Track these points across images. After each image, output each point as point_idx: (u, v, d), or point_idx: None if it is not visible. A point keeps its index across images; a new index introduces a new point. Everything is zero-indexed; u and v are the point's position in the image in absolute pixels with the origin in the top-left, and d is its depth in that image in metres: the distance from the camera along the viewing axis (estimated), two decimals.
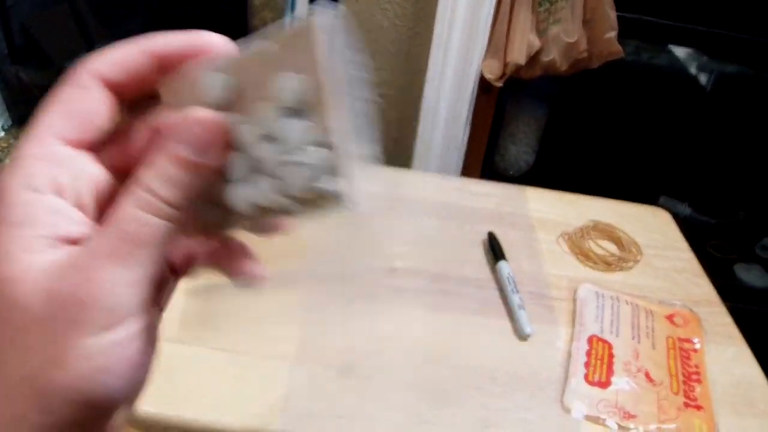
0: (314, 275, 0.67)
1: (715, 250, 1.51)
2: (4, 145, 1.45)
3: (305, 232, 0.73)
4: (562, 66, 1.14)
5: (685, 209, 1.60)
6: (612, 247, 0.79)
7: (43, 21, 1.57)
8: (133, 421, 0.50)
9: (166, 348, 0.54)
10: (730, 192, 1.62)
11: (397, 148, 1.22)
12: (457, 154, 1.13)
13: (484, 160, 1.25)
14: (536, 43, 1.09)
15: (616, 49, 1.14)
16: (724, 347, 0.67)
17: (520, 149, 1.41)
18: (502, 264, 0.70)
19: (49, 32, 1.57)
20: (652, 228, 0.85)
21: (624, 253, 0.78)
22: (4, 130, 1.53)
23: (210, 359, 0.54)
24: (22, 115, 1.56)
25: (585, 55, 1.14)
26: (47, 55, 1.58)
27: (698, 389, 0.60)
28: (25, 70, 1.51)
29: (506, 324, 0.64)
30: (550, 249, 0.77)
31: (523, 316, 0.63)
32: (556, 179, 0.92)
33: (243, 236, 0.29)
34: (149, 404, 0.50)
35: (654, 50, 1.48)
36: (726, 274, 1.45)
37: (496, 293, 0.68)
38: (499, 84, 1.11)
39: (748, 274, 1.44)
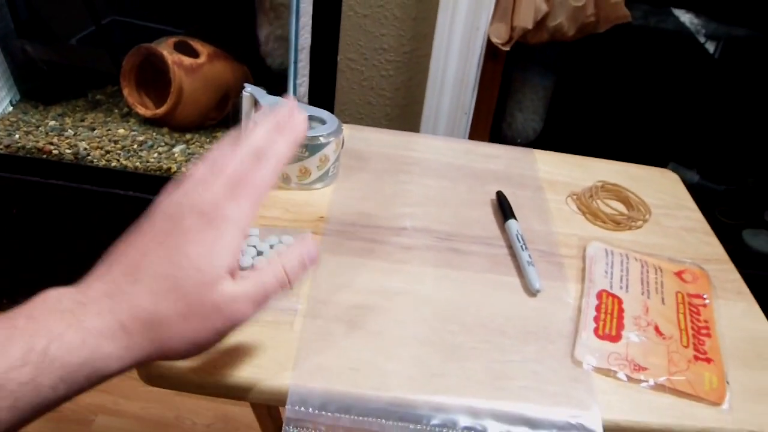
0: (325, 234, 0.67)
1: (723, 216, 1.50)
2: (13, 119, 1.45)
3: (318, 197, 0.74)
4: (570, 30, 1.13)
5: (693, 176, 1.59)
6: (621, 207, 0.79)
7: None
8: (144, 375, 0.50)
9: None
10: (738, 158, 1.61)
11: (405, 114, 1.22)
12: (465, 120, 1.13)
13: (491, 129, 1.25)
14: (543, 7, 1.08)
15: (624, 13, 1.13)
16: (733, 303, 0.67)
17: (527, 117, 1.40)
18: (511, 222, 0.71)
19: (54, 6, 1.57)
20: (660, 189, 0.85)
21: (633, 213, 0.78)
22: (12, 104, 1.53)
23: None
24: (29, 89, 1.56)
25: (592, 19, 1.13)
26: (52, 30, 1.58)
27: (708, 343, 0.60)
28: (30, 43, 1.50)
29: (515, 280, 0.65)
30: (559, 209, 0.78)
31: (532, 272, 0.64)
32: (564, 147, 0.91)
33: None
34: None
35: (662, 14, 1.47)
36: (734, 240, 1.45)
37: (505, 251, 0.69)
38: (506, 48, 1.10)
39: (756, 240, 1.44)
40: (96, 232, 1.41)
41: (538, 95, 1.39)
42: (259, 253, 0.62)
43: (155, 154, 1.39)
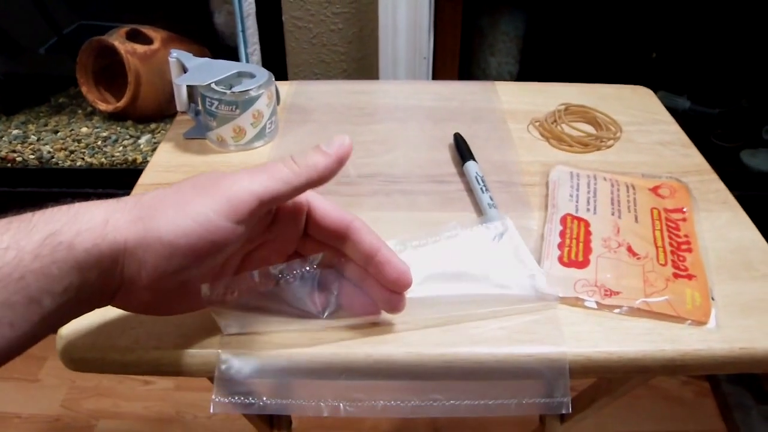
0: None
1: (719, 139, 1.43)
2: None
3: (257, 156, 0.68)
4: None
5: (684, 102, 1.52)
6: (589, 128, 0.73)
7: (7, 8, 1.54)
8: (67, 360, 0.46)
9: None
10: (729, 80, 1.53)
11: (362, 67, 1.16)
12: (425, 65, 1.07)
13: (461, 75, 1.18)
14: None
15: None
16: (717, 214, 0.61)
17: (501, 60, 1.33)
18: (469, 164, 0.64)
19: (20, 18, 1.54)
20: (632, 105, 0.78)
21: (602, 132, 0.71)
22: None
23: None
24: None
25: None
26: (16, 42, 1.55)
27: (689, 258, 0.54)
28: None
29: (472, 216, 0.59)
30: (521, 137, 0.71)
31: (494, 214, 0.57)
32: None
33: None
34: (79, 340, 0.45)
35: None
36: (733, 162, 1.38)
37: (460, 186, 0.63)
38: None
39: (755, 159, 1.36)
40: None
41: (509, 36, 1.32)
42: None
43: (120, 148, 1.34)
